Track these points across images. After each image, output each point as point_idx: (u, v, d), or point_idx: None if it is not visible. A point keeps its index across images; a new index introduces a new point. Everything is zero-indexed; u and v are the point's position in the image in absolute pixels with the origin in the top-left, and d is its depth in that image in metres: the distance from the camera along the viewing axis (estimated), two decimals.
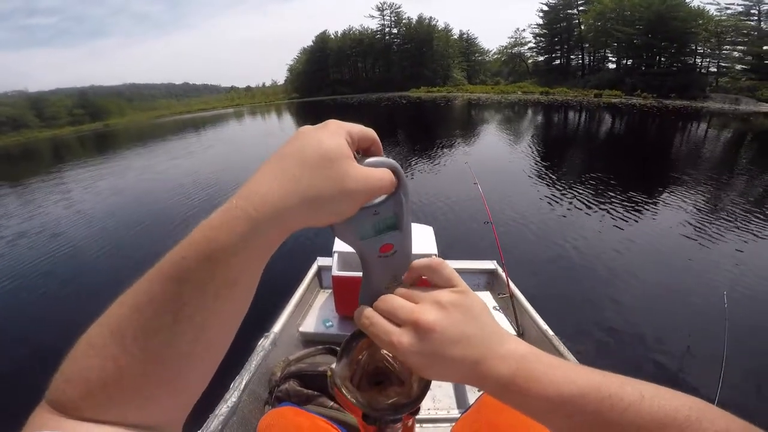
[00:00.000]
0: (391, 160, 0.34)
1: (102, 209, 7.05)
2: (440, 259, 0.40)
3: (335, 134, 0.30)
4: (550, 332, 1.52)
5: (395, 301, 0.36)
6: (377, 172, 0.32)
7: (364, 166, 0.32)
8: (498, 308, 1.88)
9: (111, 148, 20.84)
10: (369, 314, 0.36)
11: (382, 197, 0.35)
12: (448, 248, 2.35)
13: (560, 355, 1.38)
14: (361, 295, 0.39)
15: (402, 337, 0.33)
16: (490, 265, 2.12)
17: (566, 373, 0.32)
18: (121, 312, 0.25)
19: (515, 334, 1.62)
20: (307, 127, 0.31)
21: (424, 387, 0.39)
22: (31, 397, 0.26)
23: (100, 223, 6.18)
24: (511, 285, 1.83)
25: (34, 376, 2.52)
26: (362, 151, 0.35)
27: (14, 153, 28.68)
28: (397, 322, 0.35)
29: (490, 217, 2.26)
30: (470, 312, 0.35)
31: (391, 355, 0.41)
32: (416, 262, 0.40)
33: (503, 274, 1.92)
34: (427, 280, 0.39)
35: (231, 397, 1.18)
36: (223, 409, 1.14)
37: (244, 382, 1.24)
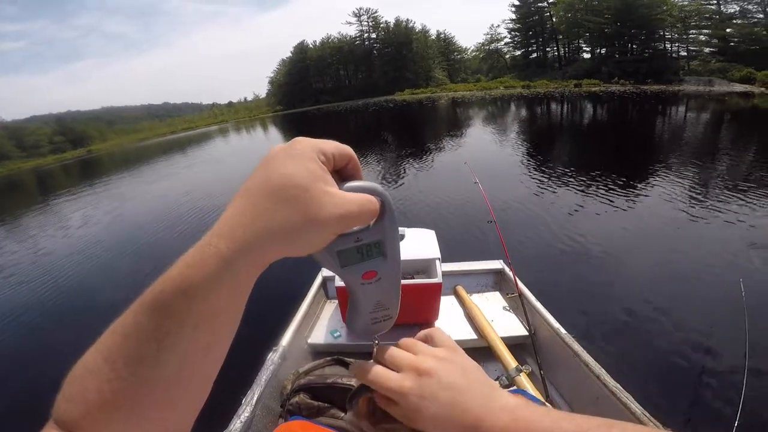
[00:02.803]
0: (374, 185, 0.33)
1: (74, 241, 7.05)
2: (439, 329, 0.43)
3: (304, 157, 0.29)
4: (563, 331, 1.46)
5: (397, 351, 0.41)
6: (355, 199, 0.30)
7: (343, 191, 0.31)
8: (508, 308, 1.84)
9: (95, 175, 20.41)
10: (369, 367, 0.40)
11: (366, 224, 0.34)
12: (452, 250, 2.32)
13: (575, 354, 1.35)
14: (348, 318, 0.41)
15: (404, 381, 0.38)
16: (496, 264, 2.05)
17: (555, 420, 0.35)
18: (112, 339, 0.26)
19: (526, 333, 1.61)
20: (276, 150, 0.30)
21: None
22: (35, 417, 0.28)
23: (71, 255, 6.19)
24: (520, 284, 1.77)
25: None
26: (339, 171, 0.33)
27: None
28: (398, 369, 0.40)
29: (493, 216, 2.16)
30: (462, 367, 0.40)
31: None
32: (420, 333, 0.44)
33: (510, 273, 1.87)
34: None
35: (244, 413, 1.18)
36: (236, 424, 1.14)
37: (255, 397, 1.24)
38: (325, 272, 2.13)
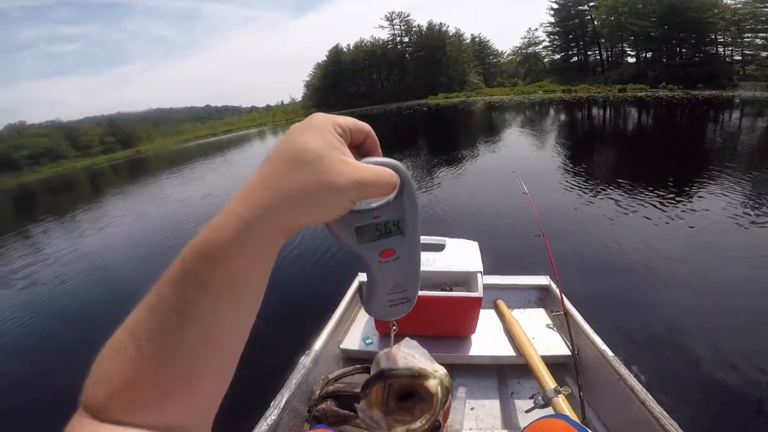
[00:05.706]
0: (392, 160, 0.33)
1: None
2: None
3: (321, 129, 0.30)
4: (609, 353, 1.40)
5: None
6: (372, 167, 0.31)
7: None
8: (552, 326, 1.80)
9: (143, 174, 21.58)
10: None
11: (384, 200, 0.34)
12: (496, 263, 2.23)
13: (620, 377, 1.30)
14: (365, 299, 0.40)
15: None
16: (543, 280, 2.02)
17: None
18: (138, 314, 0.27)
19: (569, 353, 1.58)
20: (295, 125, 0.32)
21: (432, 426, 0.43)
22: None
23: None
24: (566, 302, 1.70)
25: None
26: (358, 148, 0.34)
27: (55, 185, 29.80)
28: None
29: (541, 229, 2.07)
30: None
31: (411, 377, 0.44)
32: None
33: (557, 290, 1.81)
34: None
35: (271, 415, 1.19)
36: (263, 426, 1.14)
37: (284, 400, 1.24)
38: (362, 277, 2.10)
